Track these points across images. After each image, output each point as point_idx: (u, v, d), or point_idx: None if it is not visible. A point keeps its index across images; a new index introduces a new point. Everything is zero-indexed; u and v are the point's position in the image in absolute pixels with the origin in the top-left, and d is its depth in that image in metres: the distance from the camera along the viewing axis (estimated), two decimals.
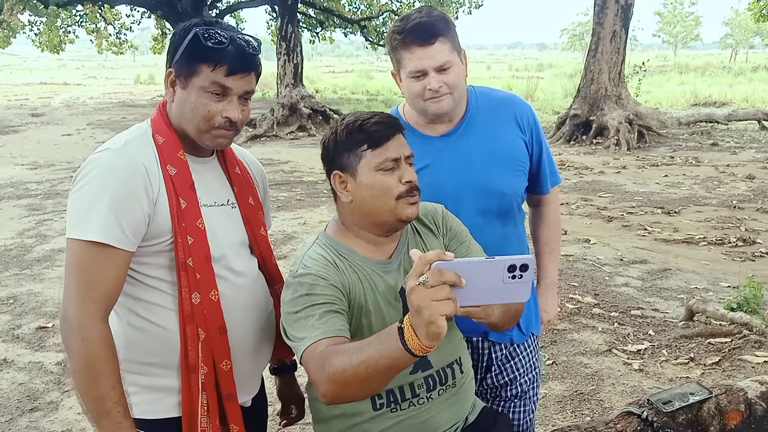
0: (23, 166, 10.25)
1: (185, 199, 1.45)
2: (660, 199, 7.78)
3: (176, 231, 1.42)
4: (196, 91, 1.43)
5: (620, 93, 12.64)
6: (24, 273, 5.30)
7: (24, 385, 3.49)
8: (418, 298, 1.04)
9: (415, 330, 1.07)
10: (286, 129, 14.24)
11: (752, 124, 14.12)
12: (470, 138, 1.82)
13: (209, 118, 1.44)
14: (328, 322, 1.33)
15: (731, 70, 32.67)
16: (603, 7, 12.27)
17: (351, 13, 20.89)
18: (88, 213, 1.35)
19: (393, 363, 1.14)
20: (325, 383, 1.24)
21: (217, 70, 1.41)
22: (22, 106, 20.43)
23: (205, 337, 1.46)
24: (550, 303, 2.12)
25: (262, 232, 1.64)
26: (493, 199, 1.82)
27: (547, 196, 2.05)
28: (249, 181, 1.66)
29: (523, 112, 1.88)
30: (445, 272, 1.04)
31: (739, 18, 60.23)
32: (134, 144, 1.45)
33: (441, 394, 1.53)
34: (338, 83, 28.57)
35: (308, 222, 6.72)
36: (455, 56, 1.72)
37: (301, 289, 1.39)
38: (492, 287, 1.07)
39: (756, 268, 5.23)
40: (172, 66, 1.45)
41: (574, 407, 3.21)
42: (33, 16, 18.68)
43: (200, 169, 1.53)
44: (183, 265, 1.44)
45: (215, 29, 1.42)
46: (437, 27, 1.68)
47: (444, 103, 1.73)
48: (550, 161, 1.98)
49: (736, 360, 3.61)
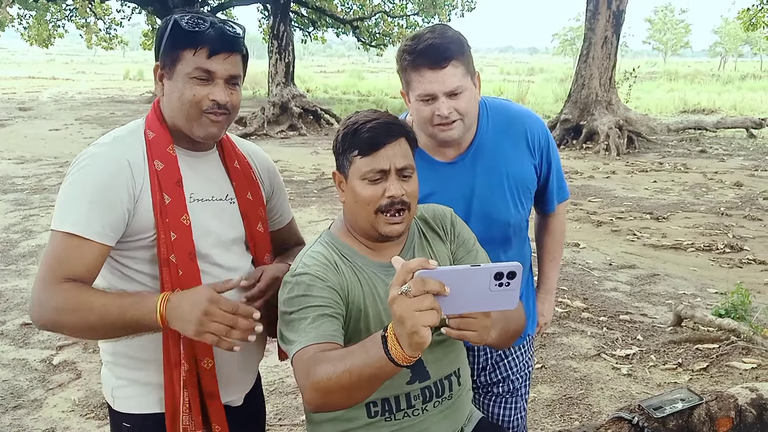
0: (10, 160, 10.14)
1: (170, 194, 1.43)
2: (649, 205, 7.82)
3: (159, 227, 1.41)
4: (181, 78, 1.41)
5: (610, 98, 12.72)
6: (9, 269, 5.23)
7: (7, 382, 3.44)
8: (400, 308, 1.01)
9: (398, 339, 1.05)
10: (277, 128, 14.19)
11: (740, 132, 14.25)
12: (478, 167, 1.76)
13: (196, 102, 1.41)
14: (320, 326, 1.30)
15: (720, 78, 32.99)
16: (595, 13, 12.34)
17: (343, 13, 20.86)
18: (69, 206, 1.37)
19: (376, 372, 1.12)
20: (310, 391, 1.22)
21: (199, 53, 1.39)
22: (9, 100, 20.25)
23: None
24: (547, 308, 2.13)
25: (260, 228, 1.60)
26: (497, 228, 1.80)
27: (555, 211, 2.02)
28: (250, 177, 1.62)
29: (535, 133, 1.80)
30: (428, 281, 1.01)
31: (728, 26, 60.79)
32: (123, 140, 1.45)
33: (436, 406, 1.50)
34: (329, 83, 28.54)
35: (298, 222, 6.67)
36: (468, 80, 1.64)
37: (297, 288, 1.36)
38: (478, 295, 1.04)
39: (743, 274, 5.26)
40: (158, 59, 1.45)
41: (563, 411, 3.21)
42: (22, 10, 18.51)
43: (195, 164, 1.51)
44: (165, 261, 1.42)
45: (193, 14, 1.42)
46: (450, 50, 1.59)
47: (454, 131, 1.66)
48: (558, 178, 1.92)
49: (723, 366, 3.63)
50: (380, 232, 1.41)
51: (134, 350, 1.48)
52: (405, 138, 1.42)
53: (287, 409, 3.20)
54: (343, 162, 1.44)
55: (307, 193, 8.14)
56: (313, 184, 8.69)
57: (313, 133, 14.45)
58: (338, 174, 1.47)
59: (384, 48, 22.28)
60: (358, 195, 1.40)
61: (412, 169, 1.43)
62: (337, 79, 31.55)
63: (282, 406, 3.23)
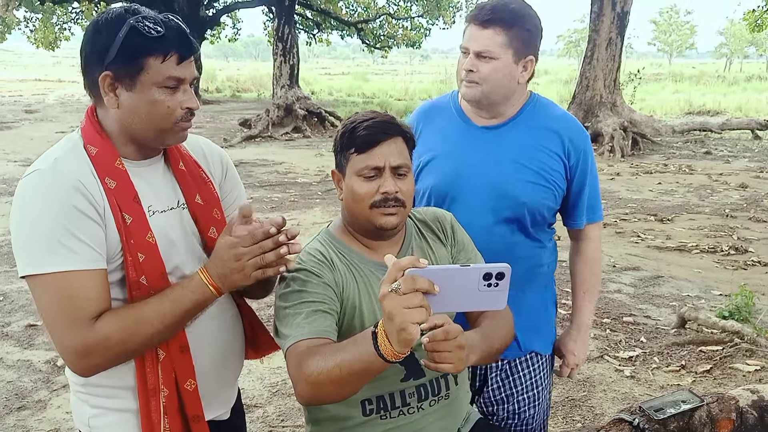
0: (16, 162, 10.19)
1: (130, 213, 1.32)
2: (653, 207, 7.80)
3: (125, 249, 1.31)
4: (148, 89, 1.29)
5: (615, 100, 12.69)
6: (14, 270, 5.23)
7: (12, 383, 3.46)
8: (390, 304, 1.04)
9: (388, 335, 1.08)
10: (281, 130, 14.22)
11: (745, 134, 14.20)
12: (508, 140, 1.78)
13: (170, 114, 1.32)
14: (314, 322, 1.33)
15: (725, 79, 32.86)
16: (599, 15, 12.32)
17: (348, 16, 20.91)
18: (40, 244, 1.23)
19: (366, 367, 1.15)
20: (301, 384, 1.25)
21: (168, 60, 1.28)
22: (15, 102, 20.33)
23: (165, 357, 1.37)
24: (580, 346, 1.97)
25: (212, 233, 1.48)
26: (509, 204, 1.76)
27: (587, 232, 1.93)
28: (198, 176, 1.49)
29: (574, 138, 1.80)
30: (418, 279, 1.03)
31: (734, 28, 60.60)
32: (65, 160, 1.30)
33: (432, 405, 1.51)
34: (334, 85, 28.58)
35: (302, 223, 6.70)
36: (505, 53, 1.67)
37: (293, 284, 1.39)
38: (467, 295, 1.06)
39: (747, 276, 5.25)
40: (105, 68, 1.27)
41: (566, 413, 3.21)
42: (29, 13, 18.62)
43: (145, 174, 1.39)
44: (136, 285, 1.32)
45: (147, 17, 1.28)
46: (500, 18, 1.66)
47: (471, 91, 1.72)
48: (592, 197, 1.88)
49: (727, 368, 3.62)
50: (375, 224, 1.44)
51: (107, 379, 1.37)
52: (402, 137, 1.45)
53: (290, 411, 3.20)
54: (341, 160, 1.48)
55: (311, 195, 8.15)
56: (317, 186, 8.70)
57: (317, 135, 14.47)
58: (337, 173, 1.51)
59: (388, 50, 22.32)
60: (353, 191, 1.44)
61: (407, 168, 1.46)
62: (342, 81, 31.58)
63: (285, 408, 3.24)
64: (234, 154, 10.98)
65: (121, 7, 1.31)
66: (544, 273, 1.92)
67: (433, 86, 26.13)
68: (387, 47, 21.89)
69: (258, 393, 3.36)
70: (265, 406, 3.26)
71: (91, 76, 1.31)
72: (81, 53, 1.32)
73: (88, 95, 1.37)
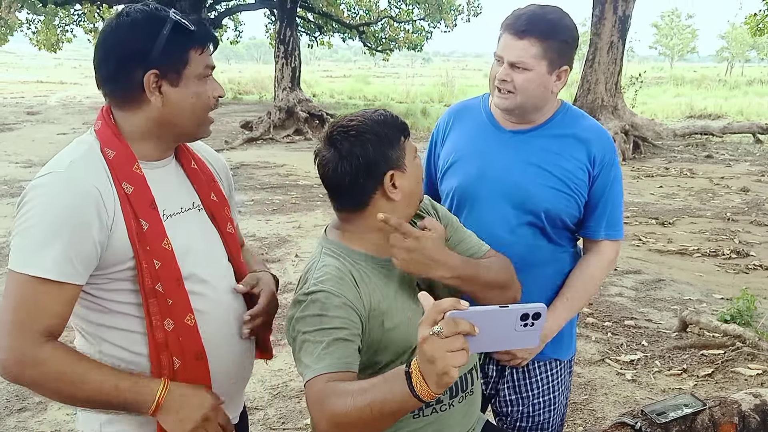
0: (17, 164, 10.19)
1: (146, 219, 1.30)
2: (654, 210, 7.80)
3: (140, 256, 1.29)
4: (191, 82, 1.31)
5: (616, 103, 12.68)
6: None
7: (12, 384, 3.46)
8: (432, 348, 1.01)
9: (425, 377, 1.04)
10: (283, 132, 14.22)
11: (747, 137, 14.20)
12: (534, 145, 1.77)
13: (208, 104, 1.35)
14: (335, 352, 1.27)
15: (727, 83, 32.89)
16: (601, 18, 12.32)
17: (350, 19, 20.92)
18: (35, 246, 1.22)
19: (400, 407, 1.11)
20: (325, 423, 1.19)
21: (206, 51, 1.33)
22: (17, 104, 20.37)
23: (180, 366, 1.35)
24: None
25: (229, 229, 1.50)
26: (530, 208, 1.75)
27: (599, 246, 1.85)
28: (209, 174, 1.51)
29: (602, 148, 1.78)
30: (459, 322, 1.01)
31: (735, 32, 60.63)
32: (80, 164, 1.28)
33: (461, 401, 1.50)
34: (335, 88, 28.59)
35: (303, 225, 6.70)
36: (540, 64, 1.66)
37: (312, 307, 1.32)
38: (503, 334, 1.06)
39: (749, 280, 5.24)
40: (152, 67, 1.27)
41: (567, 416, 3.19)
42: (31, 15, 18.63)
43: (160, 176, 1.39)
44: (152, 292, 1.31)
45: (177, 12, 1.32)
46: (536, 29, 1.65)
47: (505, 101, 1.72)
48: (613, 211, 1.82)
49: (729, 372, 3.61)
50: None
51: None
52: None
53: (291, 413, 3.20)
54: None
55: (312, 197, 8.15)
56: (318, 189, 8.70)
57: (318, 137, 14.43)
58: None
59: (390, 53, 22.33)
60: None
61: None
62: (343, 83, 31.59)
63: (286, 410, 3.23)
64: (235, 157, 10.99)
65: (150, 6, 1.31)
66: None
67: (435, 89, 26.12)
68: (388, 50, 21.90)
69: (259, 395, 3.36)
70: (266, 408, 3.25)
71: (129, 77, 1.29)
72: (108, 58, 1.31)
73: (110, 98, 1.35)
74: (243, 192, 8.19)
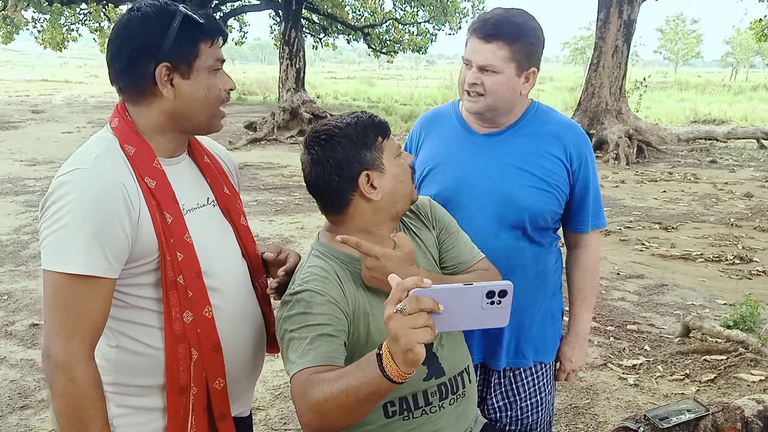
0: (22, 162, 10.22)
1: (170, 212, 1.33)
2: (658, 215, 7.78)
3: (164, 248, 1.31)
4: (202, 74, 1.33)
5: (621, 108, 12.68)
6: (19, 269, 5.27)
7: (15, 382, 3.46)
8: (395, 325, 1.03)
9: (393, 357, 1.07)
10: (287, 133, 14.24)
11: (751, 143, 14.17)
12: (510, 146, 1.79)
13: (219, 96, 1.37)
14: (319, 347, 1.29)
15: (731, 88, 32.80)
16: (606, 22, 12.33)
17: (354, 20, 20.95)
18: (68, 243, 1.22)
19: (374, 390, 1.13)
20: (307, 413, 1.22)
21: (216, 43, 1.35)
22: (22, 102, 20.43)
23: (198, 357, 1.38)
24: (578, 353, 1.97)
25: (243, 221, 1.53)
26: (512, 210, 1.76)
27: (586, 239, 1.92)
28: (220, 168, 1.54)
29: (576, 142, 1.81)
30: (422, 299, 1.03)
31: (740, 37, 60.58)
32: (105, 159, 1.29)
33: (452, 403, 1.51)
34: (339, 89, 28.63)
35: (306, 226, 6.71)
36: (508, 67, 1.68)
37: (297, 306, 1.35)
38: (470, 313, 1.07)
39: (752, 286, 5.23)
40: (163, 60, 1.29)
41: (569, 421, 3.20)
42: (36, 13, 18.67)
43: (176, 172, 1.40)
44: (173, 284, 1.33)
45: (184, 5, 1.34)
46: (503, 32, 1.66)
47: (475, 104, 1.73)
48: (596, 202, 1.88)
49: (731, 378, 3.60)
50: None
51: (137, 378, 1.39)
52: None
53: (292, 414, 3.20)
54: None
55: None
56: None
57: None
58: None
59: (394, 55, 22.35)
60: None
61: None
62: (348, 85, 31.64)
63: (287, 411, 3.23)
64: (239, 157, 11.00)
65: (159, 1, 1.33)
66: (550, 279, 1.91)
67: (439, 92, 26.14)
68: (393, 52, 21.91)
69: (260, 396, 3.36)
70: (268, 408, 3.26)
71: (141, 71, 1.31)
72: (121, 52, 1.32)
73: (124, 93, 1.36)
74: (246, 193, 8.19)
